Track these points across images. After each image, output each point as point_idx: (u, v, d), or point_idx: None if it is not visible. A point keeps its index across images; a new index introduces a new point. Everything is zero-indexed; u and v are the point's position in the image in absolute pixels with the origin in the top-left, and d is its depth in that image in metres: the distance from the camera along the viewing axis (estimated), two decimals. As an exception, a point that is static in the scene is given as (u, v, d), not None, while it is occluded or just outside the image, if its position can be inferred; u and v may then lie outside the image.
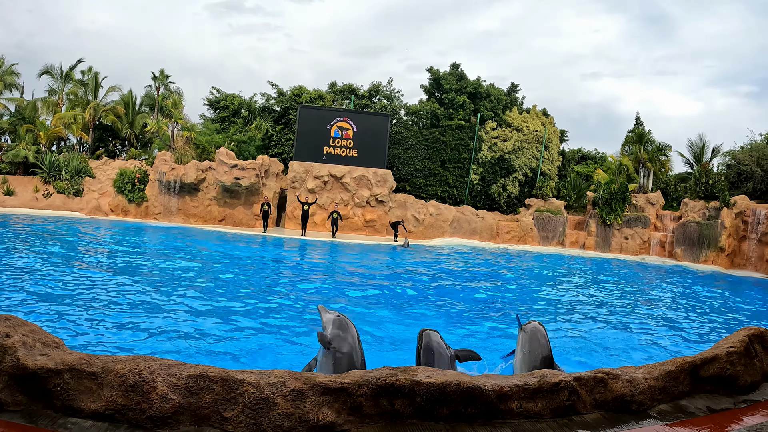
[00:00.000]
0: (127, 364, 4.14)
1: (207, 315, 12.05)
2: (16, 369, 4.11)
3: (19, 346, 4.26)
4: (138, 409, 3.97)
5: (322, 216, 37.02)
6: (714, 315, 17.25)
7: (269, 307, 13.68)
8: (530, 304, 17.29)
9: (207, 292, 14.56)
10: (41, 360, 4.17)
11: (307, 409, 4.04)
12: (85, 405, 4.05)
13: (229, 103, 45.09)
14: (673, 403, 5.20)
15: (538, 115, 44.05)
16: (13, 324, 4.59)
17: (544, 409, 4.66)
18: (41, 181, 37.26)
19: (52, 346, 4.61)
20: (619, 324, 14.53)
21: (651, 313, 16.53)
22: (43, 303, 11.86)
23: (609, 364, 9.17)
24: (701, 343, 12.90)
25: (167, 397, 3.97)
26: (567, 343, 11.81)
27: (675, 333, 14.03)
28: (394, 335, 11.75)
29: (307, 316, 12.91)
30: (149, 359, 4.25)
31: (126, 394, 4.01)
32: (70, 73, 46.60)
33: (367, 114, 40.20)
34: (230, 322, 11.69)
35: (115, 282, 14.85)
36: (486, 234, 38.57)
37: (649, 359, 10.37)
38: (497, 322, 13.87)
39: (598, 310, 16.40)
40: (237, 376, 4.09)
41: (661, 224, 38.57)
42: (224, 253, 23.64)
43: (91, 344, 9.25)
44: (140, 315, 11.54)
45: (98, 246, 23.29)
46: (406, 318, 13.64)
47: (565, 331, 13.19)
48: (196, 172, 35.81)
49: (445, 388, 4.31)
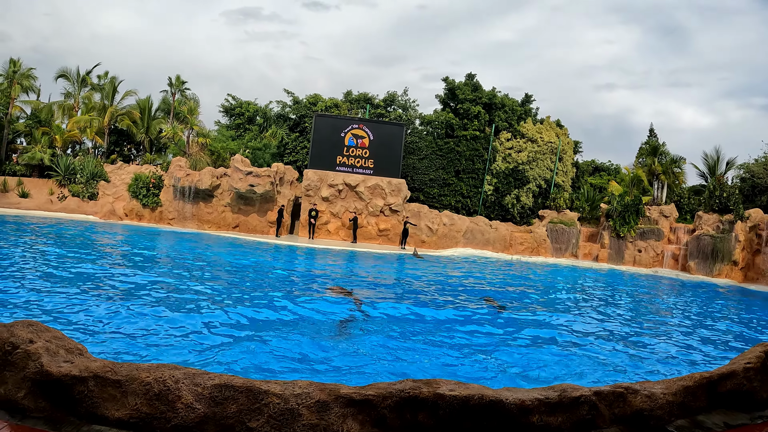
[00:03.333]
0: (152, 373, 4.14)
1: (222, 325, 12.04)
2: (39, 375, 4.12)
3: (42, 352, 4.27)
4: (163, 418, 3.98)
5: (336, 224, 37.14)
6: (730, 329, 17.15)
7: (285, 318, 13.66)
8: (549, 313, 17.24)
9: (222, 300, 14.56)
10: (65, 367, 4.19)
11: (331, 421, 4.03)
12: (109, 413, 4.06)
13: (244, 110, 45.30)
14: (690, 419, 5.15)
15: (552, 126, 44.03)
16: (36, 330, 4.59)
17: (565, 423, 4.62)
18: (56, 184, 37.50)
19: (76, 352, 4.61)
20: (636, 338, 14.47)
21: (667, 327, 16.46)
22: (57, 309, 11.88)
23: (627, 379, 9.15)
24: (718, 358, 12.84)
25: (192, 406, 3.97)
26: (583, 359, 11.78)
27: (692, 348, 13.97)
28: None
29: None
30: (173, 368, 4.26)
31: (151, 402, 4.02)
32: (86, 77, 47.00)
33: (382, 123, 40.26)
34: (244, 330, 11.69)
35: (130, 287, 14.88)
36: (499, 245, 38.47)
37: (667, 375, 10.33)
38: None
39: (617, 324, 16.34)
40: (262, 386, 4.09)
41: (674, 237, 38.36)
42: (238, 259, 23.68)
43: (104, 353, 9.25)
44: (153, 322, 11.53)
45: (114, 250, 23.36)
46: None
47: (585, 346, 13.15)
48: (210, 179, 35.94)
49: (468, 401, 4.30)
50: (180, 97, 48.09)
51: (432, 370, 9.85)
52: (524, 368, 10.72)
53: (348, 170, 38.03)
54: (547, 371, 10.55)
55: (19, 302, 12.01)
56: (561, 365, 11.07)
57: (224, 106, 46.34)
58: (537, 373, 10.37)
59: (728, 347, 14.34)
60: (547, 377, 10.09)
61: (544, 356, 11.81)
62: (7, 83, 41.74)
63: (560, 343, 13.18)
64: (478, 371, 10.32)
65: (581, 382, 7.41)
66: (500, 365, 10.85)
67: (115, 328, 10.78)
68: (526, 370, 10.58)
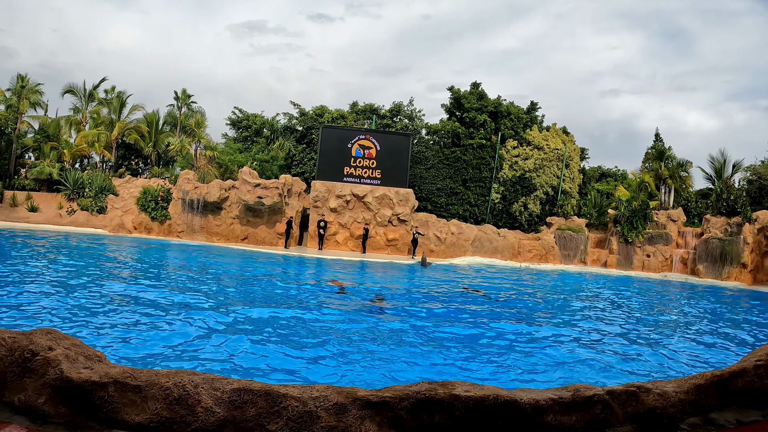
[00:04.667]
0: (171, 378, 4.19)
1: (231, 332, 12.08)
2: (59, 381, 4.17)
3: (62, 359, 4.32)
4: (183, 422, 4.02)
5: (345, 235, 37.21)
6: (740, 330, 17.18)
7: (299, 326, 13.70)
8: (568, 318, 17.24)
9: (232, 308, 14.60)
10: (85, 373, 4.24)
11: (349, 423, 4.07)
12: (129, 417, 4.10)
13: (251, 122, 45.42)
14: (702, 416, 5.14)
15: (558, 133, 44.04)
16: (54, 337, 4.65)
17: (578, 422, 4.63)
18: (65, 198, 37.68)
19: (95, 359, 4.66)
20: (647, 340, 14.47)
21: (678, 329, 16.46)
22: (70, 319, 11.95)
23: (637, 379, 9.16)
24: (730, 356, 12.87)
25: (212, 410, 4.02)
26: (595, 362, 11.79)
27: (703, 348, 13.98)
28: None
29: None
30: (192, 373, 4.31)
31: (171, 407, 4.06)
32: (93, 92, 47.24)
33: (388, 133, 40.35)
34: (255, 335, 11.73)
35: (143, 298, 14.94)
36: (507, 253, 38.40)
37: (679, 374, 10.34)
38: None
39: (629, 327, 16.33)
40: (280, 390, 4.14)
41: (682, 241, 38.31)
42: (250, 270, 23.74)
43: (120, 361, 9.30)
44: (168, 334, 11.59)
45: (125, 262, 23.44)
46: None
47: (597, 348, 13.16)
48: (219, 191, 36.04)
49: (483, 401, 4.33)
50: (186, 111, 48.30)
51: (447, 370, 9.88)
52: (537, 371, 10.74)
53: (355, 181, 38.11)
54: (559, 373, 10.59)
55: (36, 313, 12.07)
56: (574, 367, 11.11)
57: (231, 119, 46.47)
58: (550, 375, 10.40)
59: (739, 347, 14.35)
60: (560, 378, 10.13)
61: (556, 358, 11.84)
62: (15, 98, 41.99)
63: (572, 346, 13.20)
64: (491, 374, 10.36)
65: (594, 383, 7.42)
66: (513, 368, 10.89)
67: (130, 338, 10.84)
68: (538, 373, 10.61)
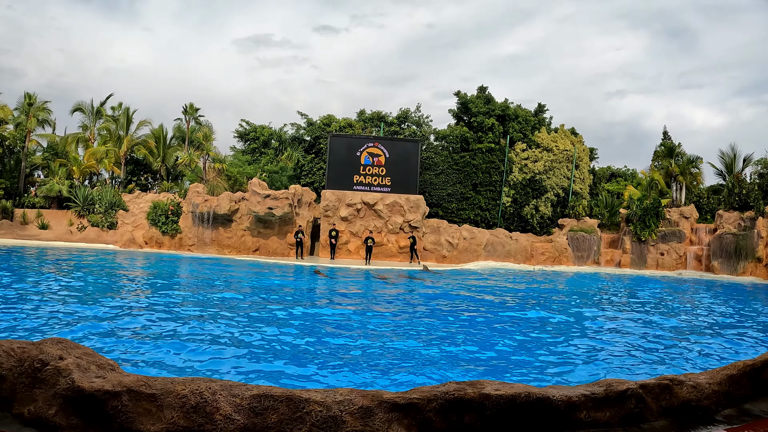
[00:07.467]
0: (187, 385, 4.04)
1: (243, 343, 11.97)
2: (71, 391, 4.03)
3: (73, 368, 4.19)
4: (201, 430, 3.87)
5: (356, 243, 37.03)
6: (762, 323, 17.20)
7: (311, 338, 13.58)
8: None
9: (243, 318, 14.50)
10: (98, 382, 4.09)
11: (376, 427, 3.90)
12: (144, 427, 3.95)
13: (259, 134, 45.48)
14: (737, 407, 5.13)
15: (566, 134, 43.91)
16: (65, 347, 4.53)
17: (613, 417, 4.58)
18: (75, 215, 37.79)
19: (107, 368, 4.53)
20: (671, 335, 14.31)
21: (700, 324, 16.40)
22: (84, 333, 11.85)
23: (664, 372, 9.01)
24: (758, 347, 12.82)
25: (231, 417, 3.86)
26: (624, 357, 11.67)
27: (727, 341, 13.94)
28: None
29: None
30: (209, 380, 4.15)
31: (188, 415, 3.90)
32: (101, 109, 47.52)
33: (397, 140, 40.23)
34: (269, 344, 11.61)
35: (154, 310, 14.85)
36: (520, 256, 38.16)
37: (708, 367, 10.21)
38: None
39: (652, 323, 16.27)
40: (302, 395, 3.98)
41: (696, 238, 38.12)
42: (262, 280, 23.66)
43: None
44: (181, 343, 11.48)
45: (137, 276, 23.42)
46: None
47: (625, 344, 13.02)
48: (229, 203, 35.96)
49: (515, 399, 4.18)
50: (194, 125, 48.36)
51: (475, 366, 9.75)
52: (565, 368, 10.71)
53: (365, 189, 37.94)
54: (588, 369, 10.53)
55: (47, 328, 11.99)
56: (601, 363, 11.07)
57: (239, 131, 46.51)
58: (579, 372, 10.33)
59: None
60: (590, 375, 10.05)
61: (584, 354, 11.79)
62: (23, 117, 42.20)
63: (598, 343, 13.15)
64: (519, 373, 10.29)
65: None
66: (542, 366, 10.84)
67: (144, 349, 10.76)
68: (567, 370, 10.56)
